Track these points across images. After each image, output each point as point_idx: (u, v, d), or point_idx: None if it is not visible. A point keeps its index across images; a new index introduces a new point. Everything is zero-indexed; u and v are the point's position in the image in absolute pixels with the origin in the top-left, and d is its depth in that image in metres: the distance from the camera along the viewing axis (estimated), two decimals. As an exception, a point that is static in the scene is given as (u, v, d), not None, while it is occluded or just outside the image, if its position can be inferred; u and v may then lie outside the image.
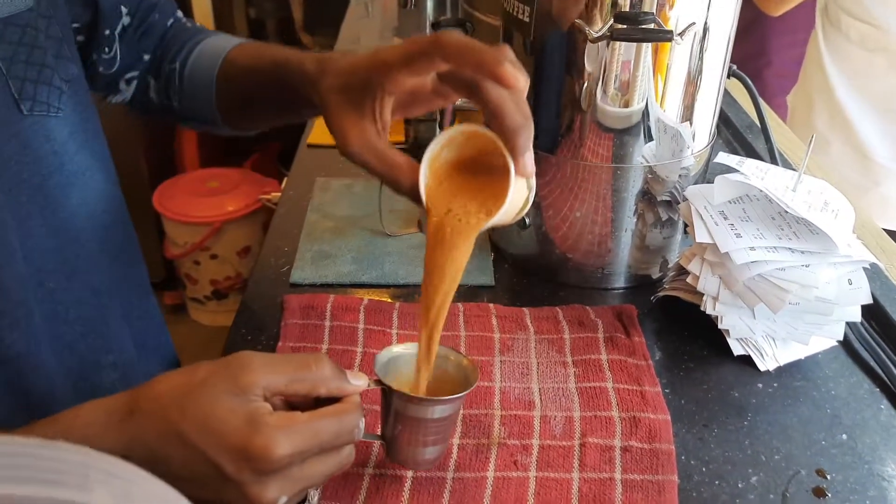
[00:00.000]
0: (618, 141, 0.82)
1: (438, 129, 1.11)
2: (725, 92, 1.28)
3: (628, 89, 0.78)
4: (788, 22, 1.90)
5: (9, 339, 0.58)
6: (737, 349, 0.78)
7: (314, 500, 0.60)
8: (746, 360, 0.78)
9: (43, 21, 0.61)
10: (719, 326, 0.78)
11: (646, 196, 0.85)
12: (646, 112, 0.80)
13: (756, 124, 1.21)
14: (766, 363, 0.77)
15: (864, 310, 0.78)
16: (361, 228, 0.99)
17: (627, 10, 0.74)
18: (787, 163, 1.11)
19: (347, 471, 0.64)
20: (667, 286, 0.84)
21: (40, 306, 0.61)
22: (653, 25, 0.74)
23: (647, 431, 0.68)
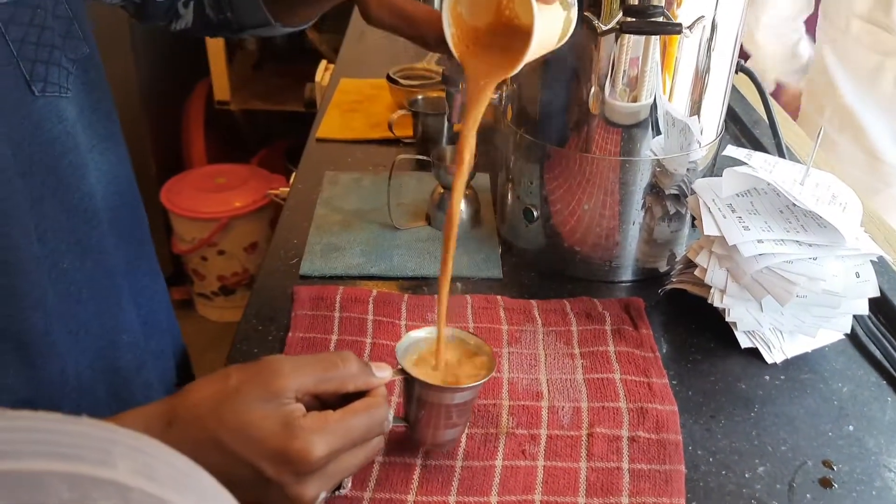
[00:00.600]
0: (626, 135, 0.82)
1: (447, 122, 1.12)
2: (733, 88, 1.28)
3: (637, 83, 0.79)
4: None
5: (30, 319, 0.59)
6: (744, 342, 0.78)
7: (348, 485, 0.62)
8: (754, 353, 0.78)
9: (51, 1, 0.62)
10: (727, 319, 0.78)
11: (654, 189, 0.85)
12: (654, 106, 0.80)
13: (764, 120, 1.21)
14: (773, 356, 0.78)
15: (872, 303, 0.79)
16: (370, 221, 0.99)
17: (637, 2, 0.74)
18: (795, 158, 1.11)
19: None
20: (674, 279, 0.84)
21: (55, 286, 0.62)
22: (662, 19, 0.74)
23: (655, 422, 0.69)
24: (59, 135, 0.62)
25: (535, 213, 0.90)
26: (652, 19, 0.74)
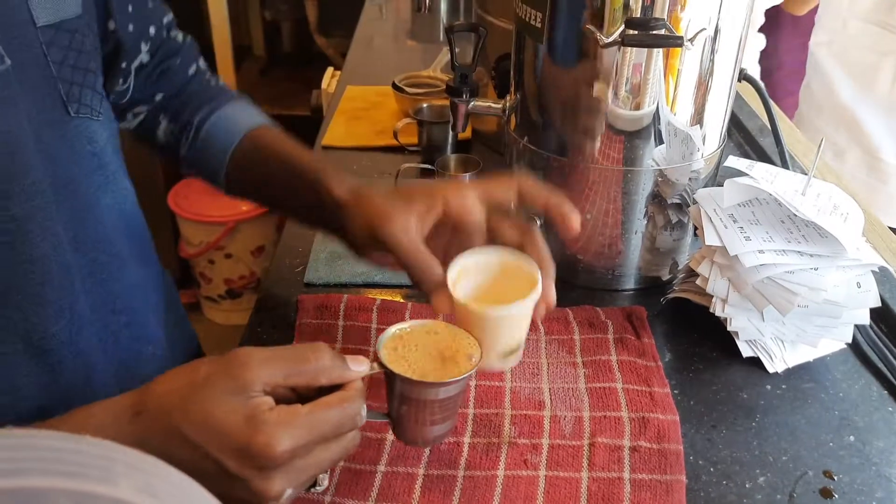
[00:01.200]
0: (628, 144, 0.82)
1: (451, 132, 1.12)
2: (736, 95, 1.29)
3: (639, 93, 0.79)
4: (799, 23, 1.91)
5: (54, 328, 0.60)
6: (746, 351, 0.79)
7: (324, 482, 0.60)
8: (755, 362, 0.79)
9: (88, 30, 0.64)
10: (728, 328, 0.79)
11: (656, 199, 0.86)
12: (656, 116, 0.81)
13: (767, 127, 1.21)
14: (774, 365, 0.78)
15: (873, 313, 0.79)
16: (375, 229, 1.00)
17: (638, 15, 0.74)
18: (798, 165, 1.11)
19: (360, 468, 0.65)
20: (676, 288, 0.85)
21: (89, 296, 0.64)
22: (663, 31, 0.75)
23: (656, 432, 0.69)
24: (88, 155, 0.65)
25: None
26: (654, 32, 0.74)
